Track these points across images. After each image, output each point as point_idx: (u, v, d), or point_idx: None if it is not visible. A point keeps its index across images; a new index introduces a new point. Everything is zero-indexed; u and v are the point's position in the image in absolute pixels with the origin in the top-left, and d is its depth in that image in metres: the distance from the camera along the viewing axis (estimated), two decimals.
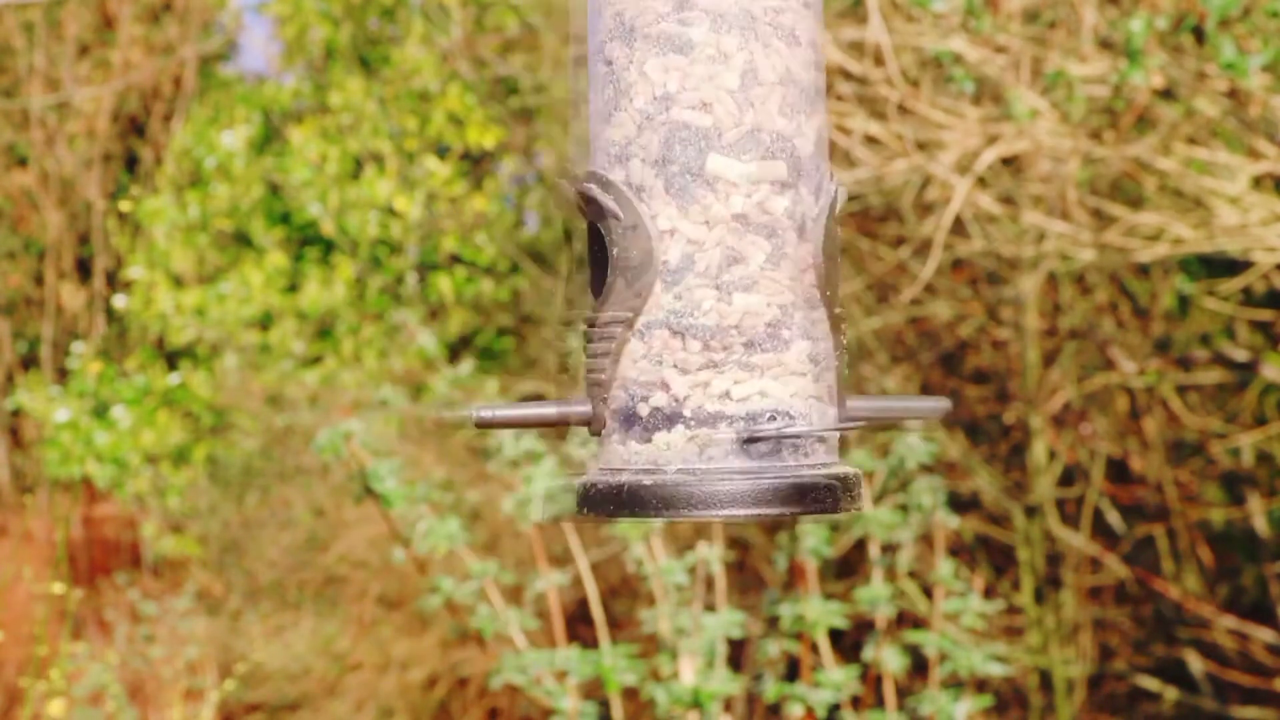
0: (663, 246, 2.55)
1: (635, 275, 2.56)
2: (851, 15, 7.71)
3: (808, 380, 2.57)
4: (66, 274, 17.59)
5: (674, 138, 2.55)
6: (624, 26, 2.58)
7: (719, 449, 2.53)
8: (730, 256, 2.54)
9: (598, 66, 2.64)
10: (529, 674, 6.24)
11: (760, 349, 2.54)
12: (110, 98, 17.32)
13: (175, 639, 11.43)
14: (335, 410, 12.15)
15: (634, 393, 2.56)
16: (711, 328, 2.54)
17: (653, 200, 2.55)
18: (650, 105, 2.56)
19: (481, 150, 15.18)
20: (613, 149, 2.60)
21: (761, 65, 2.56)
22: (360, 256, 15.08)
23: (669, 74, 2.55)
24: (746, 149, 2.55)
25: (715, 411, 2.53)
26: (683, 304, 2.55)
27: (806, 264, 2.58)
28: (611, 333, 2.57)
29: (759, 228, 2.55)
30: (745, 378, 2.54)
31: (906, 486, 6.79)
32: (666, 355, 2.55)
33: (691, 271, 2.54)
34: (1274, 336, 9.62)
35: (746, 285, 2.54)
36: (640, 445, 2.55)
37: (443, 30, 14.87)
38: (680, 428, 2.53)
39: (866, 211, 10.13)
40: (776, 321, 2.55)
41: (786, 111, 2.57)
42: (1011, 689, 9.99)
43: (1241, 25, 5.96)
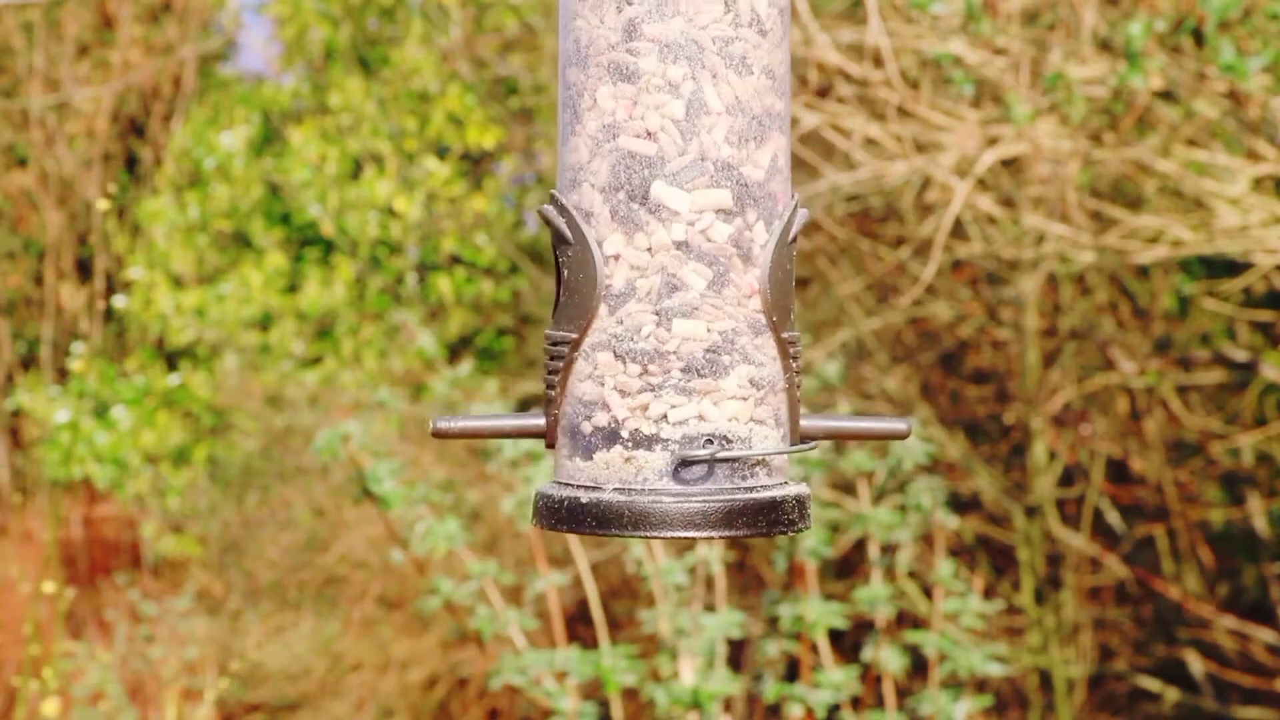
0: (607, 271, 2.60)
1: (582, 298, 2.62)
2: (851, 17, 7.72)
3: (749, 404, 2.62)
4: (66, 274, 17.60)
5: (620, 165, 2.60)
6: (580, 53, 2.63)
7: (653, 470, 2.59)
8: (670, 283, 2.59)
9: (561, 89, 2.69)
10: (529, 674, 6.25)
11: (698, 374, 2.60)
12: (110, 98, 17.33)
13: (175, 639, 11.43)
14: (335, 411, 12.16)
15: (579, 410, 2.63)
16: (650, 352, 2.59)
17: (599, 225, 2.61)
18: (600, 132, 2.61)
19: (481, 150, 15.18)
20: (568, 173, 2.66)
21: (709, 95, 2.60)
22: (360, 257, 15.09)
23: (618, 102, 2.60)
24: (690, 177, 2.59)
25: (651, 434, 2.59)
26: (624, 328, 2.60)
27: (752, 290, 2.63)
28: (560, 351, 2.64)
29: (701, 255, 2.60)
30: (682, 401, 2.59)
31: (905, 487, 6.79)
32: (609, 377, 2.61)
33: (633, 297, 2.60)
34: (1274, 337, 9.62)
35: (686, 311, 2.59)
36: (583, 462, 2.63)
37: (442, 30, 14.87)
38: (618, 448, 2.59)
39: (866, 212, 10.13)
40: (716, 347, 2.60)
41: (734, 140, 2.61)
42: (1011, 689, 9.99)
43: (1241, 27, 5.97)
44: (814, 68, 7.14)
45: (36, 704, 7.65)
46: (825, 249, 10.21)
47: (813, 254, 10.24)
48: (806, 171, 9.10)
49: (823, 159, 8.52)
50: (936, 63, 6.80)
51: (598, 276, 2.60)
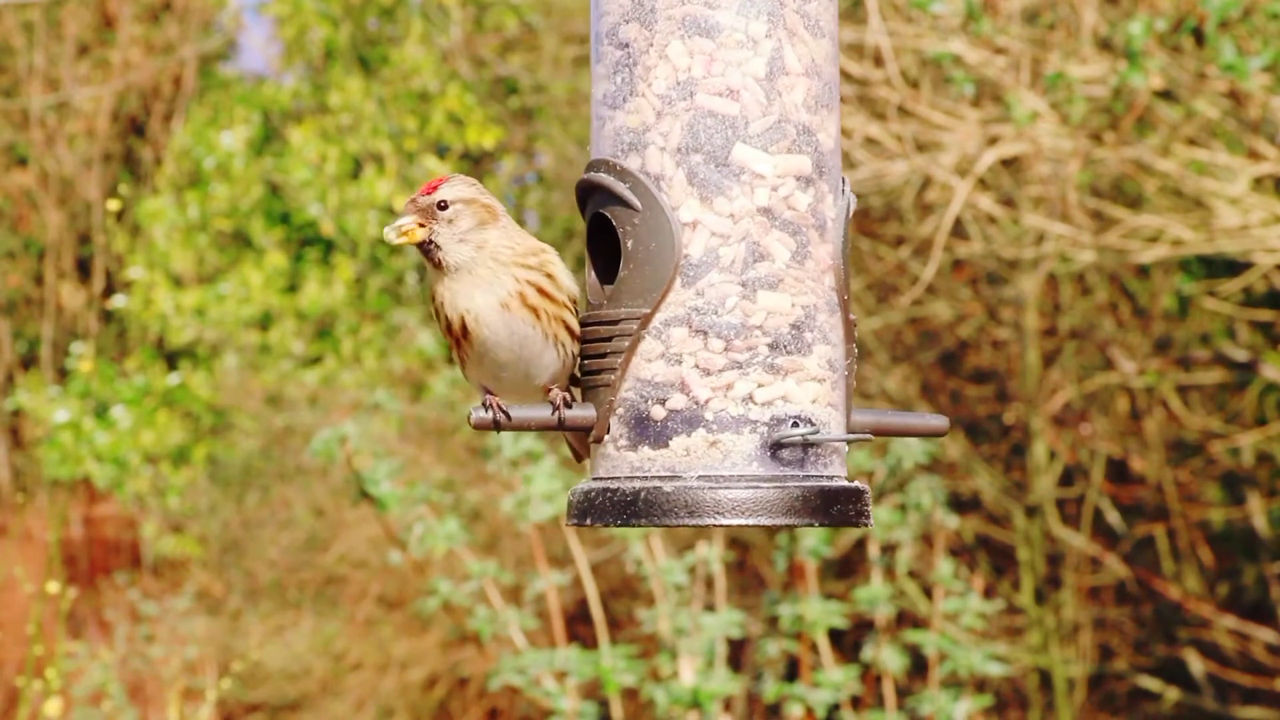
0: (684, 239, 2.44)
1: (652, 269, 2.45)
2: (851, 17, 7.71)
3: (826, 386, 2.48)
4: (66, 274, 17.59)
5: (698, 125, 2.44)
6: (643, 7, 2.47)
7: (742, 455, 2.44)
8: (755, 252, 2.44)
9: (606, 51, 2.51)
10: (528, 674, 6.24)
11: (784, 350, 2.45)
12: (110, 98, 17.32)
13: (175, 639, 11.42)
14: (335, 410, 12.15)
15: (648, 395, 2.45)
16: (736, 326, 2.43)
17: (673, 190, 2.44)
18: (672, 90, 2.45)
19: (481, 150, 15.18)
20: (626, 136, 2.48)
21: (788, 54, 2.47)
22: (360, 256, 15.09)
23: (694, 58, 2.44)
24: (773, 140, 2.45)
25: (739, 415, 2.44)
26: (705, 300, 2.44)
27: (827, 265, 2.49)
28: (624, 330, 2.45)
29: (784, 224, 2.45)
30: (769, 380, 2.44)
31: (905, 486, 6.79)
32: (686, 355, 2.44)
33: (715, 267, 2.44)
34: (1274, 336, 9.62)
35: (772, 283, 2.44)
36: (655, 451, 2.45)
37: (442, 30, 14.87)
38: (701, 431, 2.43)
39: (867, 212, 10.12)
40: (800, 323, 2.46)
41: (811, 105, 2.48)
42: (1011, 689, 9.99)
43: (1241, 26, 5.96)
44: None
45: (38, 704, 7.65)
46: None
47: None
48: None
49: None
50: (937, 62, 6.80)
51: (675, 245, 2.43)
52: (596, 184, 2.49)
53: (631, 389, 2.47)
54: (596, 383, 2.51)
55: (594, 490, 2.48)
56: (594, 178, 2.49)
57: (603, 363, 2.49)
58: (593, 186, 2.50)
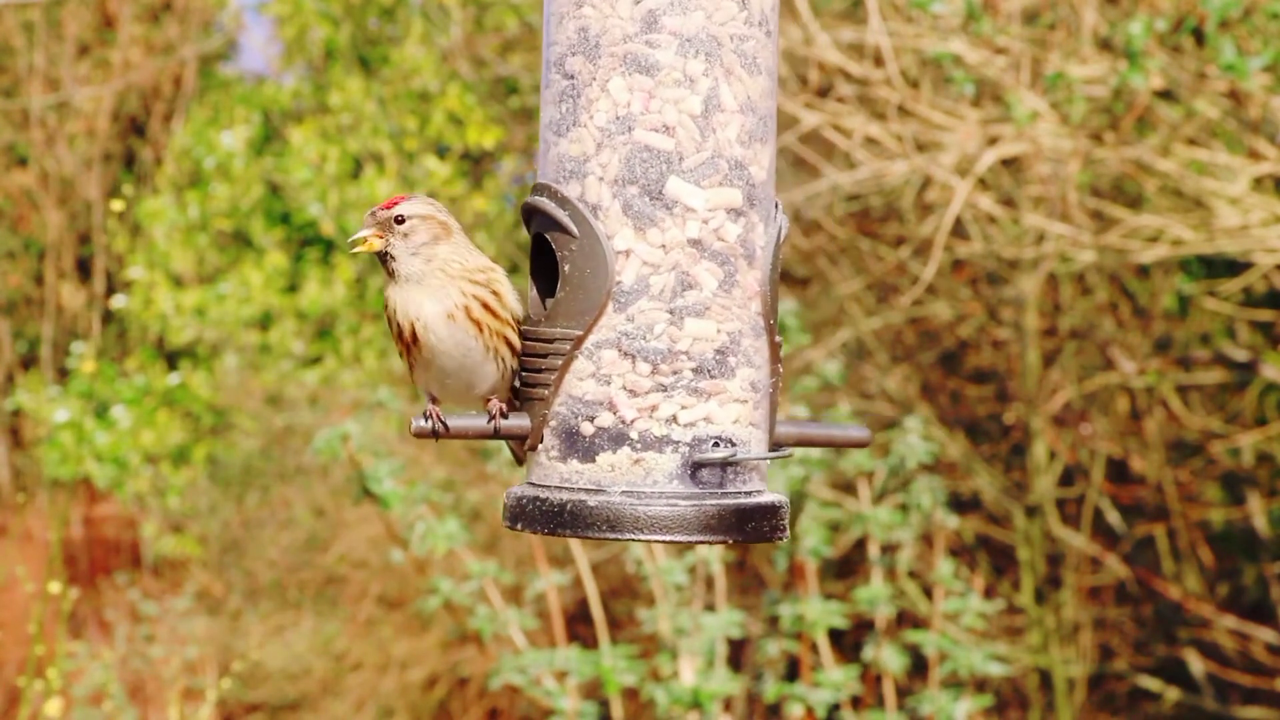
0: (617, 267, 2.58)
1: (587, 294, 2.59)
2: (851, 17, 7.71)
3: (749, 407, 2.63)
4: (66, 274, 17.59)
5: (635, 158, 2.58)
6: (588, 42, 2.60)
7: (664, 473, 2.58)
8: (684, 281, 2.59)
9: (554, 79, 2.64)
10: (529, 674, 6.24)
11: (708, 375, 2.59)
12: (110, 98, 17.33)
13: (175, 639, 11.43)
14: (335, 410, 12.15)
15: (578, 411, 2.60)
16: (663, 351, 2.58)
17: (609, 220, 2.58)
18: (612, 124, 2.59)
19: (481, 150, 15.18)
20: (568, 164, 2.62)
21: (724, 93, 2.60)
22: (360, 257, 15.07)
23: (633, 94, 2.58)
24: (706, 174, 2.59)
25: (662, 435, 2.58)
26: (635, 326, 2.58)
27: (754, 291, 2.63)
28: (558, 349, 2.60)
29: (713, 254, 2.60)
30: (692, 403, 2.59)
31: (906, 486, 6.79)
32: (615, 376, 2.59)
33: (646, 294, 2.58)
34: (1274, 336, 9.62)
35: (699, 311, 2.59)
36: (583, 464, 2.60)
37: (443, 30, 14.87)
38: (626, 449, 2.58)
39: (866, 212, 10.13)
40: (725, 348, 2.61)
41: (744, 139, 2.61)
42: (1011, 689, 9.99)
43: (1242, 26, 5.96)
44: (814, 67, 7.14)
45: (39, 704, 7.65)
46: (825, 249, 10.20)
47: (813, 254, 10.24)
48: (807, 171, 9.10)
49: (823, 159, 8.52)
50: (937, 62, 6.80)
51: (608, 272, 2.57)
52: (538, 208, 2.63)
53: (564, 404, 2.61)
54: (533, 395, 2.64)
55: (525, 497, 2.61)
56: (536, 202, 2.63)
57: (539, 377, 2.63)
58: (535, 210, 2.64)
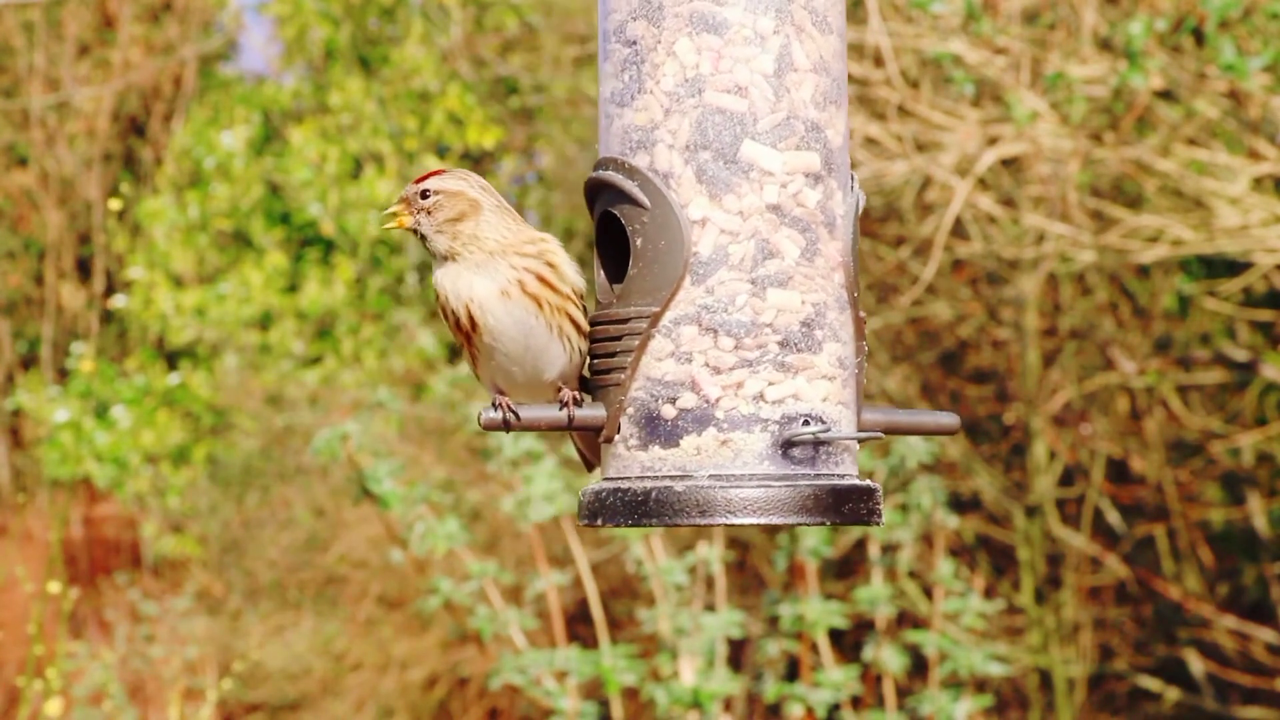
0: (693, 237, 2.43)
1: (661, 268, 2.44)
2: (851, 17, 7.70)
3: (837, 385, 2.48)
4: (66, 274, 17.59)
5: (706, 122, 2.44)
6: (651, 4, 2.47)
7: (753, 454, 2.43)
8: (765, 249, 2.44)
9: (614, 48, 2.51)
10: (529, 674, 6.24)
11: (794, 348, 2.44)
12: (110, 98, 17.32)
13: (175, 639, 11.43)
14: (335, 410, 12.15)
15: (658, 394, 2.44)
16: (746, 324, 2.43)
17: (681, 188, 2.44)
18: (680, 88, 2.45)
19: (481, 150, 15.18)
20: (634, 134, 2.47)
21: (796, 51, 2.46)
22: (360, 256, 15.09)
23: (701, 55, 2.44)
24: (782, 137, 2.45)
25: (749, 414, 2.43)
26: (715, 298, 2.43)
27: (836, 262, 2.48)
28: (634, 329, 2.45)
29: (793, 221, 2.45)
30: (780, 379, 2.43)
31: (907, 486, 6.79)
32: (696, 353, 2.43)
33: (724, 264, 2.43)
34: (1274, 336, 9.62)
35: (782, 280, 2.44)
36: (665, 450, 2.44)
37: (443, 30, 14.87)
38: (712, 430, 2.42)
39: (866, 212, 10.12)
40: (810, 320, 2.45)
41: (819, 101, 2.47)
42: (1011, 689, 9.99)
43: (1241, 26, 5.97)
44: None
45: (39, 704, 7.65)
46: None
47: None
48: None
49: None
50: (937, 62, 6.80)
51: (684, 242, 2.42)
52: (605, 182, 2.49)
53: (642, 388, 2.46)
54: (606, 382, 2.49)
55: (605, 490, 2.47)
56: (602, 176, 2.49)
57: (612, 362, 2.48)
58: (601, 185, 2.50)
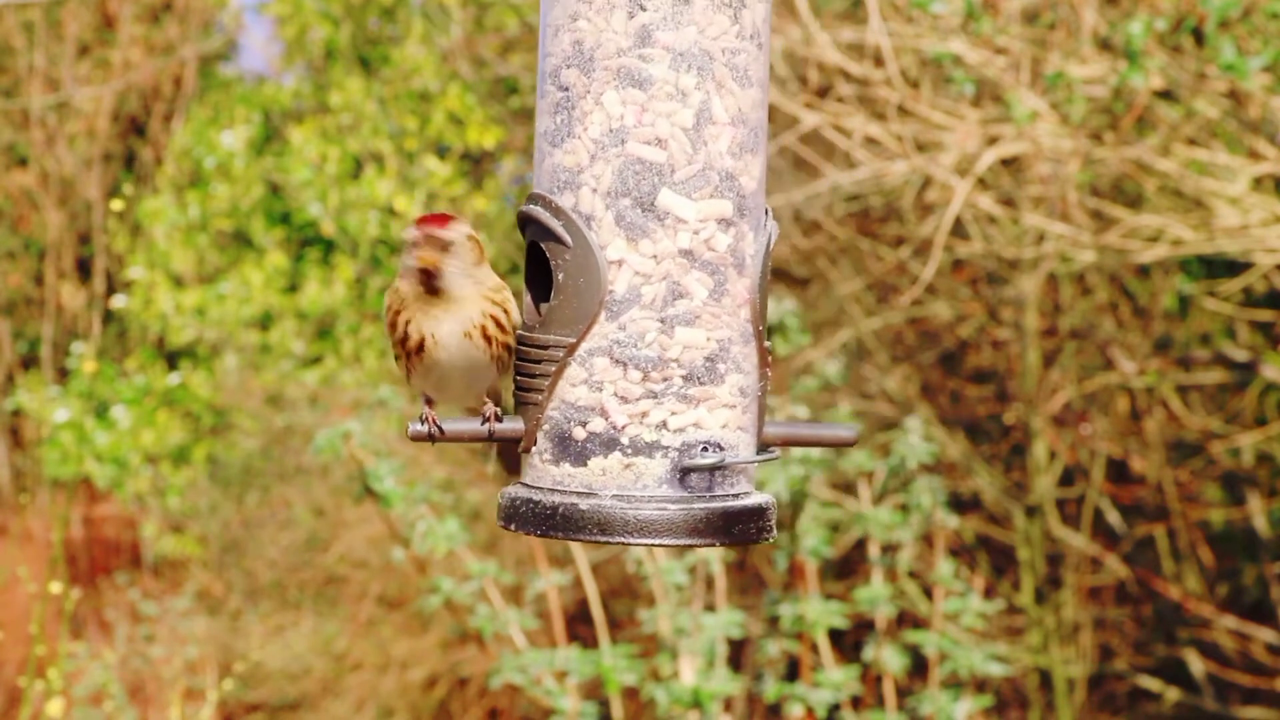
0: (610, 277, 2.63)
1: (581, 302, 2.64)
2: (851, 17, 7.71)
3: (737, 412, 2.68)
4: (66, 274, 17.60)
5: (628, 170, 2.62)
6: (583, 55, 2.64)
7: (654, 477, 2.63)
8: (675, 291, 2.63)
9: (549, 90, 2.69)
10: (529, 674, 6.25)
11: (697, 381, 2.64)
12: (110, 98, 17.33)
13: (175, 639, 11.43)
14: (335, 410, 12.16)
15: (570, 416, 2.65)
16: (653, 359, 2.63)
17: (602, 230, 2.63)
18: (605, 136, 2.63)
19: (481, 150, 15.19)
20: (562, 174, 2.66)
21: (715, 105, 2.64)
22: (360, 256, 15.09)
23: (626, 107, 2.62)
24: (697, 186, 2.63)
25: (652, 441, 2.63)
26: (626, 334, 2.63)
27: (743, 299, 2.68)
28: (552, 355, 2.65)
29: (703, 264, 2.64)
30: (682, 409, 2.64)
31: (907, 486, 6.80)
32: (607, 383, 2.64)
33: (637, 304, 2.63)
34: (1274, 337, 9.62)
35: (689, 319, 2.64)
36: (574, 468, 2.65)
37: (443, 30, 14.87)
38: (617, 454, 2.63)
39: (866, 212, 10.13)
40: (714, 355, 2.65)
41: (735, 151, 2.65)
42: (1011, 689, 9.99)
43: (1241, 26, 5.97)
44: (814, 67, 7.14)
45: (40, 704, 7.65)
46: (825, 249, 10.21)
47: (813, 254, 10.24)
48: (806, 171, 9.10)
49: (823, 159, 8.52)
50: (937, 62, 6.80)
51: (601, 281, 2.62)
52: (533, 217, 2.68)
53: (557, 409, 2.66)
54: (527, 399, 2.70)
55: (519, 499, 2.67)
56: (532, 211, 2.68)
57: (533, 382, 2.68)
58: (530, 219, 2.69)
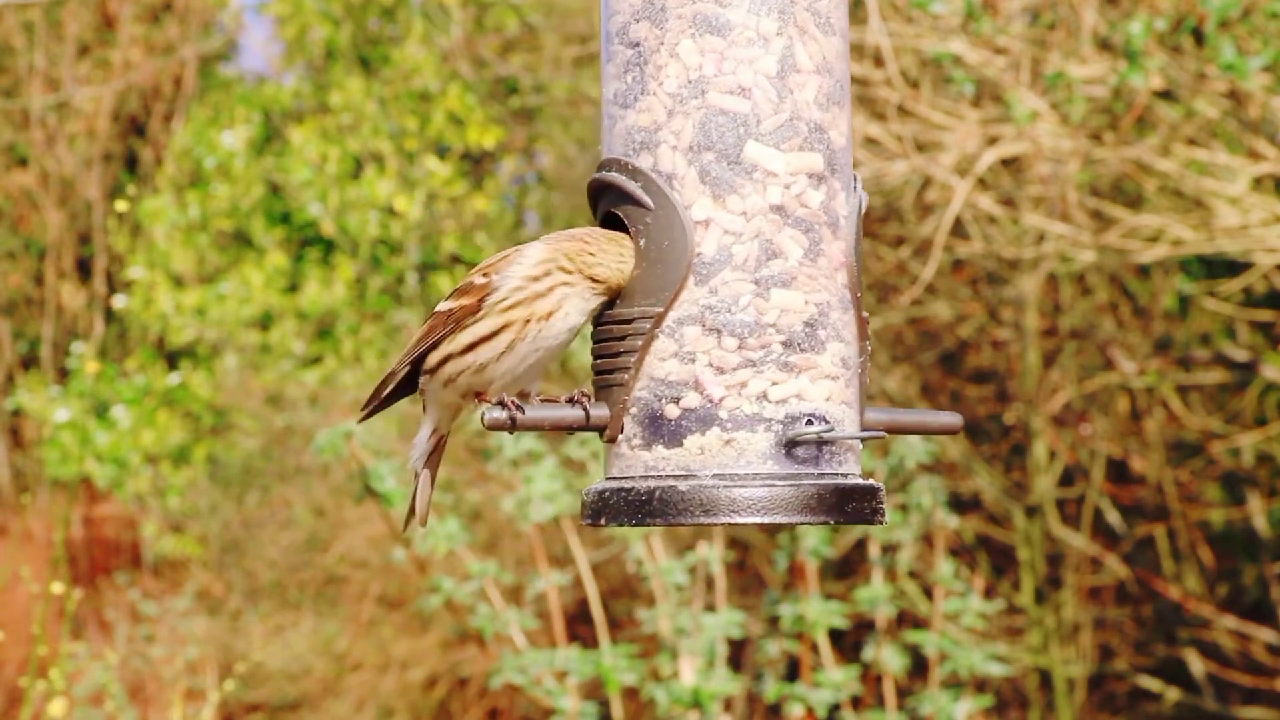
0: (697, 238, 2.44)
1: (665, 268, 2.45)
2: (851, 17, 7.70)
3: (840, 384, 2.48)
4: (66, 274, 17.59)
5: (710, 123, 2.45)
6: (654, 5, 2.48)
7: (757, 453, 2.43)
8: (769, 250, 2.45)
9: (617, 49, 2.52)
10: (529, 674, 6.25)
11: (798, 348, 2.45)
12: (110, 98, 17.32)
13: (175, 639, 11.43)
14: (335, 410, 12.15)
15: (661, 394, 2.45)
16: (750, 324, 2.44)
17: (685, 189, 2.45)
18: (683, 89, 2.46)
19: (481, 150, 15.18)
20: (637, 135, 2.48)
21: (799, 52, 2.47)
22: (360, 256, 15.09)
23: (705, 56, 2.45)
24: (785, 138, 2.46)
25: (753, 413, 2.43)
26: (718, 299, 2.44)
27: (839, 262, 2.49)
28: (637, 329, 2.45)
29: (797, 221, 2.46)
30: (783, 378, 2.44)
31: (907, 486, 6.80)
32: (700, 353, 2.44)
33: (728, 265, 2.44)
34: (1274, 337, 9.62)
35: (785, 281, 2.45)
36: (669, 450, 2.44)
37: (443, 30, 14.87)
38: (715, 430, 2.43)
39: (867, 212, 10.11)
40: (814, 320, 2.46)
41: (822, 102, 2.49)
42: (1011, 689, 9.99)
43: (1241, 26, 5.97)
44: None
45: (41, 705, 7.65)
46: None
47: None
48: None
49: None
50: (937, 62, 6.80)
51: (687, 243, 2.43)
52: (608, 183, 2.50)
53: (645, 388, 2.47)
54: (610, 382, 2.50)
55: (608, 490, 2.47)
56: (606, 177, 2.50)
57: (616, 361, 2.49)
58: (605, 185, 2.51)
